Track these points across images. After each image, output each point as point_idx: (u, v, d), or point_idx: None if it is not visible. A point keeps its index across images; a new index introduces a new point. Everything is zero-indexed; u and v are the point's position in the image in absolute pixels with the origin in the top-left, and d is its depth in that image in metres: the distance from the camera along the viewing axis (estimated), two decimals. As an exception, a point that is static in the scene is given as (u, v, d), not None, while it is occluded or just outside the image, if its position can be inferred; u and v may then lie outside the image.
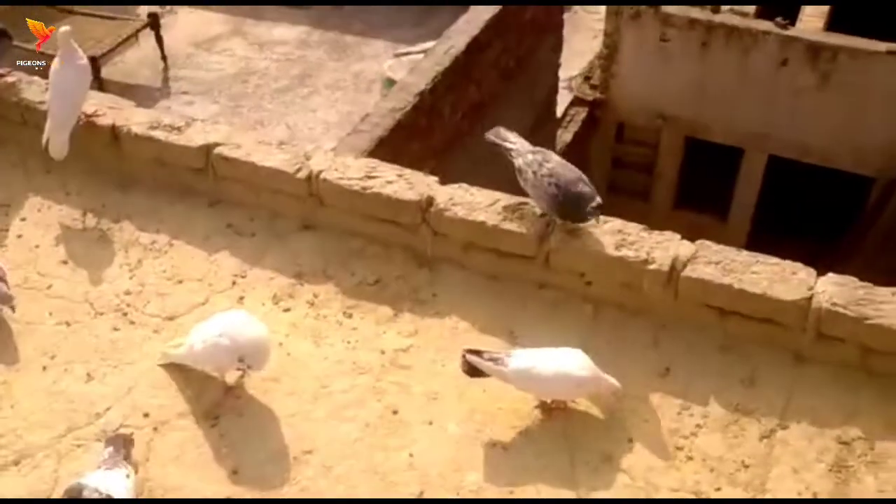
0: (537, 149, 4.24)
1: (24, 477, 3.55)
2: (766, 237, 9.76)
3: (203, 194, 4.73)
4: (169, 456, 3.64)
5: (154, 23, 9.85)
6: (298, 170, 4.48)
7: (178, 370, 3.92)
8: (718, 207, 11.69)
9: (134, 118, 4.77)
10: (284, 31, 5.99)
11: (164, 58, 9.75)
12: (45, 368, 3.96)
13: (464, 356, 3.69)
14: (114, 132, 4.74)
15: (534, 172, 4.06)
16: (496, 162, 4.55)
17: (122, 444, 3.46)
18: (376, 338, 4.13)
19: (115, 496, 3.19)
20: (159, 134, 4.68)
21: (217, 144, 4.61)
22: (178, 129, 4.69)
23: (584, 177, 4.07)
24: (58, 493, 3.46)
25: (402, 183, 4.37)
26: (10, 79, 5.01)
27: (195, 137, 4.65)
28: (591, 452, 3.63)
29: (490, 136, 4.38)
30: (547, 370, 3.62)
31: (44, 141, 4.62)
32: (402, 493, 3.53)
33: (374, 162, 4.56)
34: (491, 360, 3.66)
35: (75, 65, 4.59)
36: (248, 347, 3.67)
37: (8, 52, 5.09)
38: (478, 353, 3.69)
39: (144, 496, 3.49)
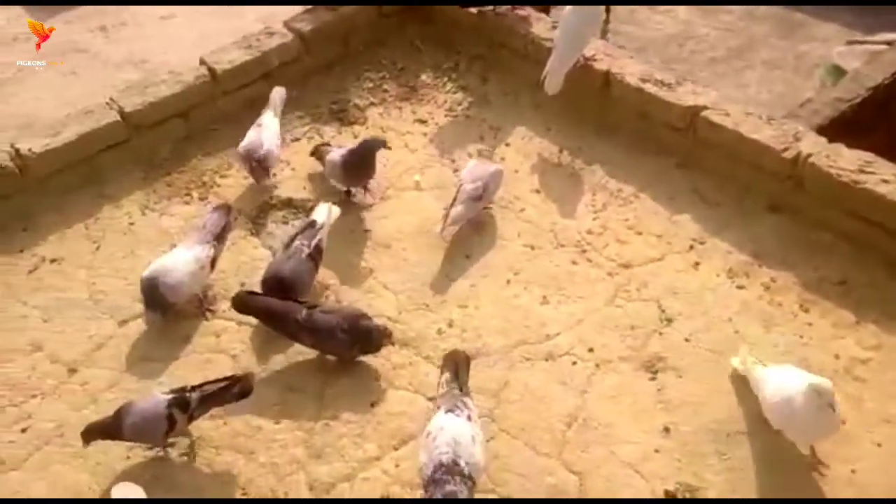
0: None
1: (479, 372, 3.87)
2: None
3: (676, 154, 4.76)
4: (606, 394, 3.78)
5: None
6: (786, 149, 4.32)
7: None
8: None
9: (628, 68, 4.90)
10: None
11: (607, 10, 10.06)
12: (508, 282, 4.29)
13: None
14: (606, 78, 4.92)
15: None
16: None
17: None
18: (832, 340, 3.91)
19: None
20: (650, 87, 4.76)
21: (704, 108, 4.59)
22: (669, 85, 4.74)
23: None
24: (506, 393, 3.75)
25: (900, 185, 4.03)
26: (521, 12, 5.39)
27: (684, 97, 4.66)
28: None
29: None
30: None
31: (542, 75, 4.91)
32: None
33: (869, 156, 4.24)
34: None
35: (586, 8, 4.78)
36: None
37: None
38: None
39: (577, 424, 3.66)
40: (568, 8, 4.86)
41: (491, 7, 5.41)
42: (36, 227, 4.69)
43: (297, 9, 5.70)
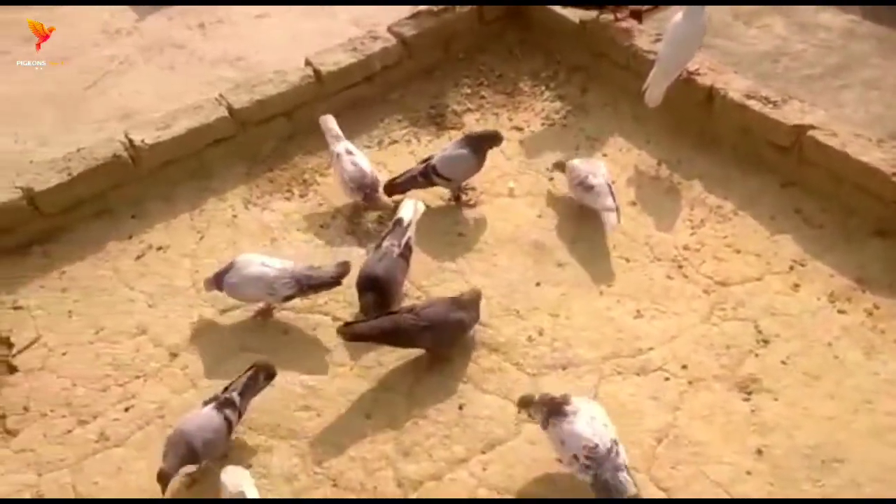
0: None
1: (568, 383, 3.89)
2: None
3: (778, 173, 4.68)
4: (698, 412, 3.74)
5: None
6: (895, 173, 4.19)
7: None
8: None
9: (733, 83, 4.84)
10: (830, 18, 5.54)
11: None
12: (601, 293, 4.28)
13: None
14: (710, 93, 4.86)
15: None
16: None
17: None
18: (937, 371, 3.78)
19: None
20: (754, 104, 4.69)
21: (811, 127, 4.49)
22: (775, 103, 4.66)
23: None
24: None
25: None
26: (624, 24, 5.37)
27: (790, 115, 4.58)
28: None
29: None
30: None
31: (643, 87, 4.89)
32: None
33: None
34: None
35: (696, 21, 4.74)
36: None
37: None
38: None
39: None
40: (675, 20, 4.82)
41: (596, 9, 5.39)
42: (144, 216, 4.89)
43: (390, 10, 5.84)
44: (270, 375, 3.83)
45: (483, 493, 3.56)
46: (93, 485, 3.71)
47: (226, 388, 3.73)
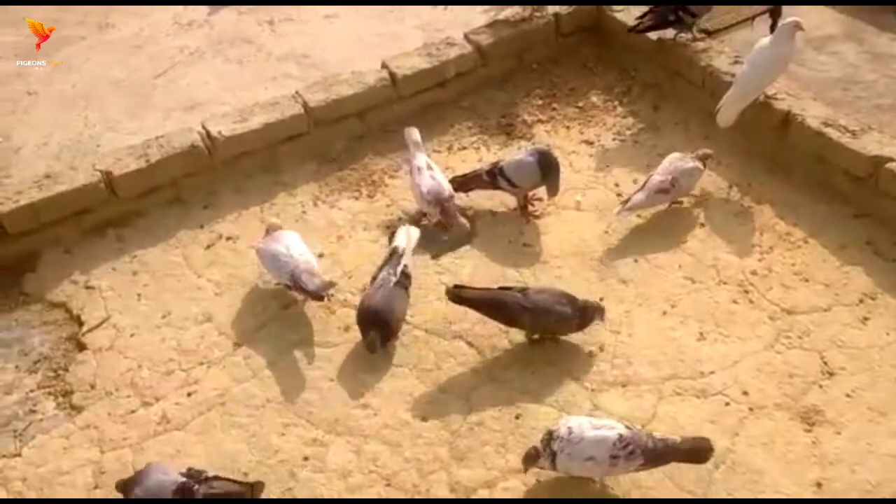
0: None
1: (626, 400, 3.88)
2: None
3: (852, 203, 4.61)
4: (758, 440, 3.70)
5: (775, 11, 9.70)
6: (975, 211, 4.10)
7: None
8: None
9: (810, 110, 4.78)
10: None
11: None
12: (664, 313, 4.26)
13: None
14: (786, 118, 4.81)
15: None
16: None
17: None
18: None
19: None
20: (831, 132, 4.63)
21: (890, 159, 4.41)
22: (853, 132, 4.59)
23: None
24: (654, 425, 3.72)
25: None
26: (703, 43, 5.34)
27: (869, 146, 4.51)
28: None
29: None
30: None
31: (717, 107, 4.85)
32: None
33: None
34: None
35: (784, 46, 4.69)
36: None
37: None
38: None
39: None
40: (762, 42, 4.77)
41: (672, 35, 5.38)
42: (216, 206, 5.00)
43: (458, 18, 5.93)
44: None
45: (535, 505, 3.56)
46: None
47: (208, 479, 3.48)
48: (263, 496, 3.59)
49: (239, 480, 3.58)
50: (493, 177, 4.71)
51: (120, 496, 3.54)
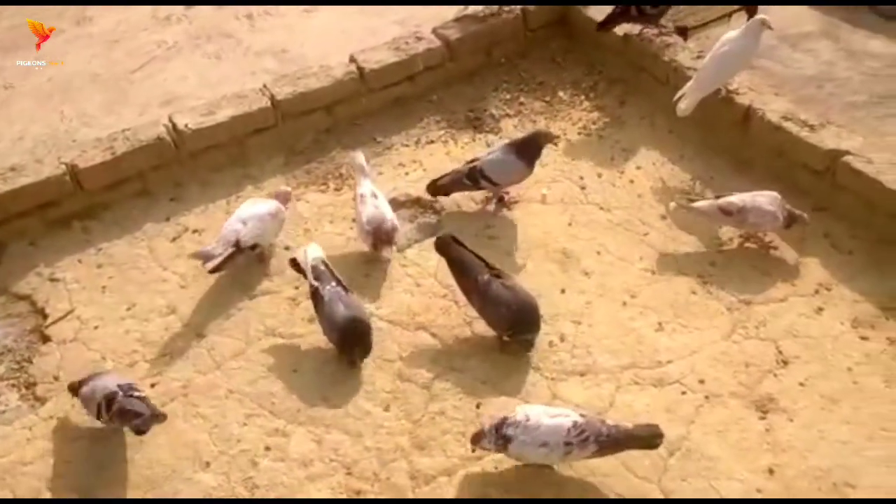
0: None
1: (585, 389, 3.93)
2: None
3: (811, 196, 4.67)
4: (713, 428, 3.76)
5: (752, 9, 9.77)
6: (930, 204, 4.18)
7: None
8: None
9: (771, 104, 4.85)
10: (880, 46, 5.48)
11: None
12: (624, 304, 4.31)
13: None
14: (747, 113, 4.87)
15: None
16: None
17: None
18: (957, 405, 3.76)
19: None
20: (791, 126, 4.70)
21: (847, 153, 4.49)
22: (812, 126, 4.66)
23: None
24: (611, 413, 3.77)
25: None
26: (669, 39, 5.40)
27: (827, 140, 4.58)
28: None
29: None
30: None
31: (676, 96, 4.91)
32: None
33: None
34: None
35: (750, 41, 4.76)
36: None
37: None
38: None
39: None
40: (728, 35, 4.84)
41: (637, 31, 5.44)
42: (182, 199, 5.01)
43: (437, 13, 5.95)
44: (140, 431, 3.76)
45: (493, 493, 3.61)
46: (117, 455, 3.81)
47: (133, 391, 3.77)
48: (223, 495, 3.61)
49: (155, 408, 3.76)
50: (475, 179, 4.72)
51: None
